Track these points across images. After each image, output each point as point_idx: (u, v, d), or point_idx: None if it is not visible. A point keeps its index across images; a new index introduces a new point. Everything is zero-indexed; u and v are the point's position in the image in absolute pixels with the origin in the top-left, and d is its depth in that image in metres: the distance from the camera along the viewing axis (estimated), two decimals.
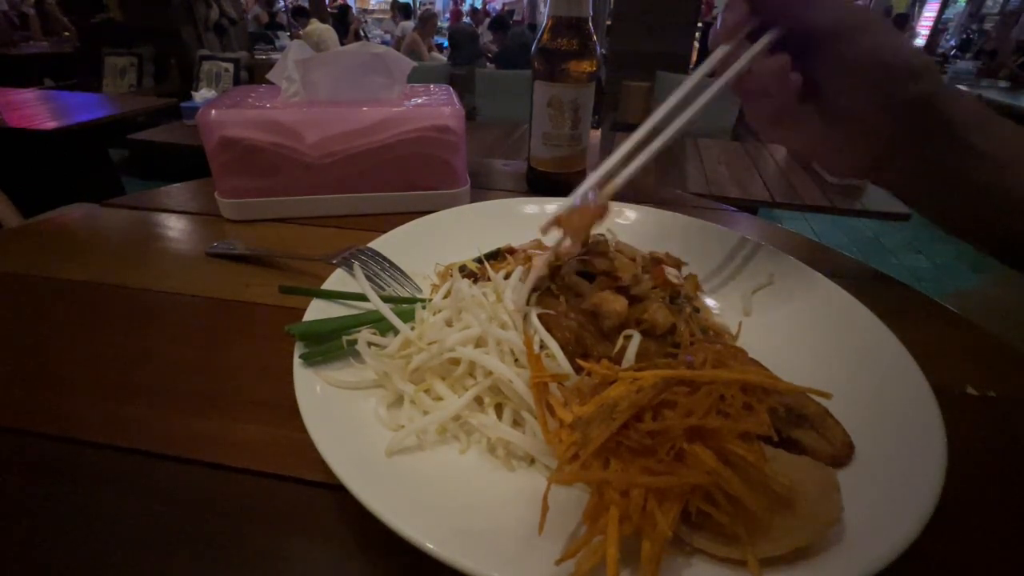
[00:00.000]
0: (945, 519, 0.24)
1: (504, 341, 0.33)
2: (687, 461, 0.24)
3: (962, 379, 0.39)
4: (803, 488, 0.24)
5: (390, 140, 0.61)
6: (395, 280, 0.45)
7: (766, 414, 0.26)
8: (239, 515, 0.29)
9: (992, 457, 0.33)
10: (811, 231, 3.11)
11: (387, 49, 0.66)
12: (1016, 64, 4.56)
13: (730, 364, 0.29)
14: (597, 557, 0.22)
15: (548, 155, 0.68)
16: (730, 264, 0.49)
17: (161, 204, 0.67)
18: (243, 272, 0.52)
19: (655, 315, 0.35)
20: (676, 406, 0.26)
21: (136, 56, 3.74)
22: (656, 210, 0.57)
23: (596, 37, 0.63)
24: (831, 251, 0.58)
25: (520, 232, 0.51)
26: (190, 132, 2.28)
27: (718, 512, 0.23)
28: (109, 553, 0.27)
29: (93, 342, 0.43)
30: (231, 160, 0.59)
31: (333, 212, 0.64)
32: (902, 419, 0.30)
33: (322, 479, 0.30)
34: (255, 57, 3.87)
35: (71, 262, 0.54)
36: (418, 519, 0.24)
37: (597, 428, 0.26)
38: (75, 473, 0.31)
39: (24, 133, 1.97)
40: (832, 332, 0.39)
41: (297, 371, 0.32)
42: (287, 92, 0.63)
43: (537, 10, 8.29)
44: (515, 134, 2.45)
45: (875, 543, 0.23)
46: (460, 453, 0.31)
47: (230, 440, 0.33)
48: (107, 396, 0.37)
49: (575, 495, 0.27)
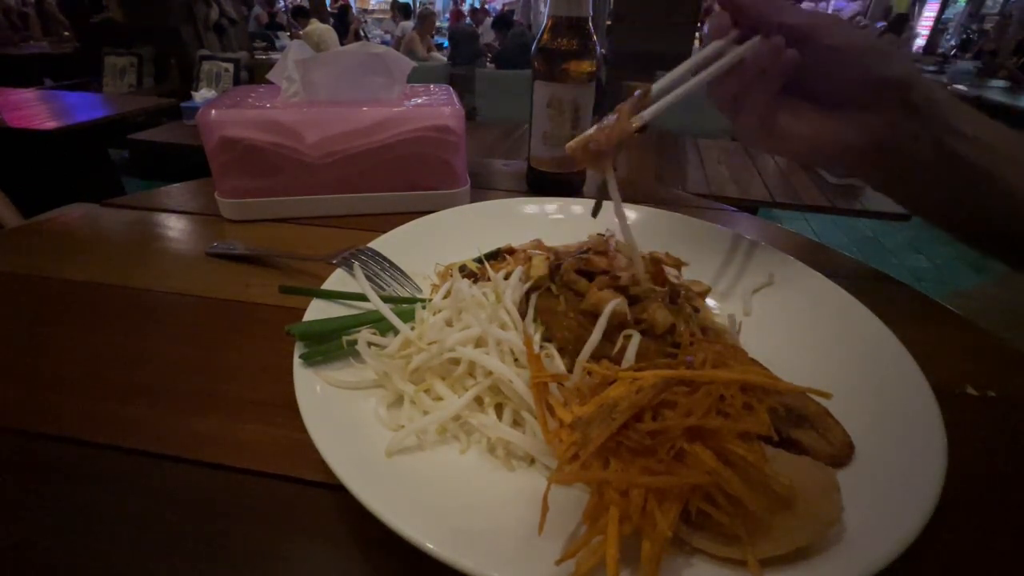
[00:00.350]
0: (945, 519, 0.24)
1: (504, 341, 0.33)
2: (687, 461, 0.24)
3: (962, 379, 0.39)
4: (803, 488, 0.24)
5: (390, 140, 0.61)
6: (395, 280, 0.45)
7: (766, 414, 0.26)
8: (239, 515, 0.29)
9: (992, 457, 0.33)
10: (811, 231, 3.11)
11: (387, 49, 0.66)
12: (1015, 64, 4.56)
13: (730, 364, 0.30)
14: (597, 557, 0.22)
15: (548, 155, 0.69)
16: (730, 264, 0.49)
17: (161, 204, 0.67)
18: (243, 272, 0.52)
19: (655, 315, 0.35)
20: (676, 406, 0.26)
21: (136, 56, 3.74)
22: (656, 210, 0.57)
23: (596, 37, 0.63)
24: (831, 251, 0.58)
25: (520, 232, 0.51)
26: (190, 132, 2.29)
27: (718, 512, 0.23)
28: (109, 553, 0.27)
29: (93, 342, 0.43)
30: (231, 160, 0.59)
31: (333, 212, 0.64)
32: (902, 419, 0.30)
33: (322, 479, 0.30)
34: (255, 57, 3.87)
35: (71, 262, 0.54)
36: (418, 519, 0.24)
37: (597, 428, 0.26)
38: (75, 473, 0.31)
39: (24, 133, 1.97)
40: (832, 332, 0.39)
41: (297, 371, 0.32)
42: (287, 92, 0.63)
43: (531, 10, 8.27)
44: (515, 134, 2.45)
45: (875, 543, 0.23)
46: (460, 453, 0.31)
47: (230, 440, 0.33)
48: (107, 396, 0.37)
49: (575, 495, 0.27)
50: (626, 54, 3.34)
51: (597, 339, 0.33)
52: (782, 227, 0.65)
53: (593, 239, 0.44)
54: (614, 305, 0.34)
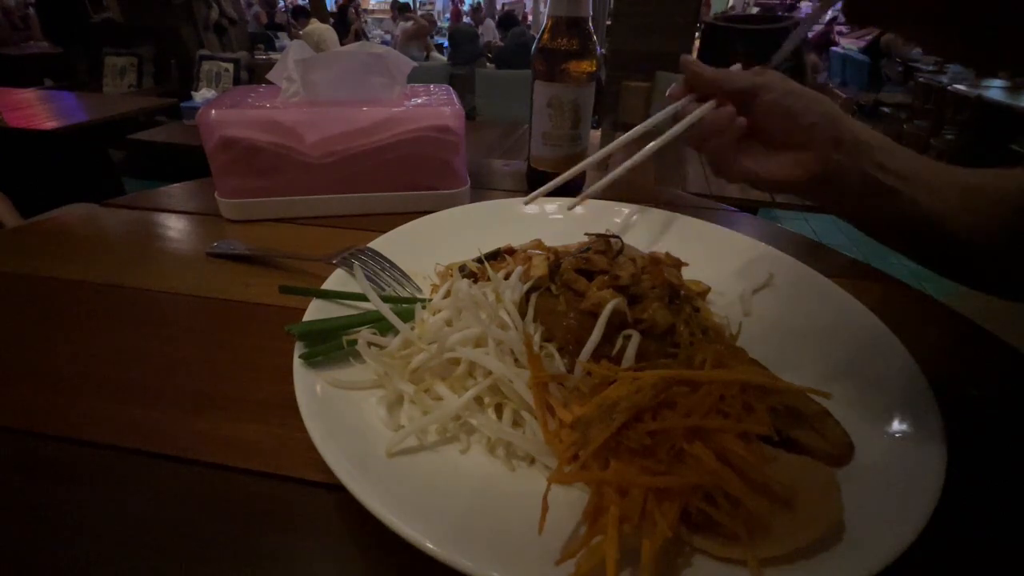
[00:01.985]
0: (945, 519, 0.24)
1: (504, 341, 0.33)
2: (687, 461, 0.24)
3: (962, 379, 0.39)
4: (803, 488, 0.24)
5: (390, 140, 0.61)
6: (395, 280, 0.45)
7: (766, 413, 0.26)
8: (239, 515, 0.29)
9: (992, 457, 0.33)
10: (811, 231, 3.11)
11: (387, 49, 0.66)
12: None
13: (730, 364, 0.30)
14: (597, 557, 0.22)
15: (548, 155, 0.68)
16: (730, 264, 0.49)
17: (161, 204, 0.67)
18: (243, 272, 0.52)
19: (655, 315, 0.35)
20: (676, 406, 0.26)
21: (136, 56, 3.74)
22: (656, 210, 0.57)
23: (596, 37, 0.63)
24: (831, 251, 0.58)
25: (520, 232, 0.51)
26: (190, 132, 2.29)
27: (718, 512, 0.23)
28: (109, 553, 0.27)
29: (93, 342, 0.43)
30: (231, 160, 0.59)
31: (333, 212, 0.64)
32: (902, 419, 0.30)
33: (322, 479, 0.30)
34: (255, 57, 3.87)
35: (71, 262, 0.54)
36: (418, 519, 0.24)
37: (597, 428, 0.26)
38: (75, 473, 0.31)
39: (24, 133, 1.97)
40: (832, 332, 0.39)
41: (297, 371, 0.32)
42: (287, 92, 0.63)
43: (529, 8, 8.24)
44: (515, 134, 2.46)
45: (875, 543, 0.23)
46: (460, 453, 0.31)
47: (230, 440, 0.33)
48: (107, 396, 0.37)
49: (575, 495, 0.27)
50: (626, 54, 3.34)
51: (597, 339, 0.33)
52: (782, 227, 0.65)
53: (592, 239, 0.44)
54: (613, 305, 0.34)
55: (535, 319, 0.37)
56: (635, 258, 0.42)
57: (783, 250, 0.48)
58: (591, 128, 0.69)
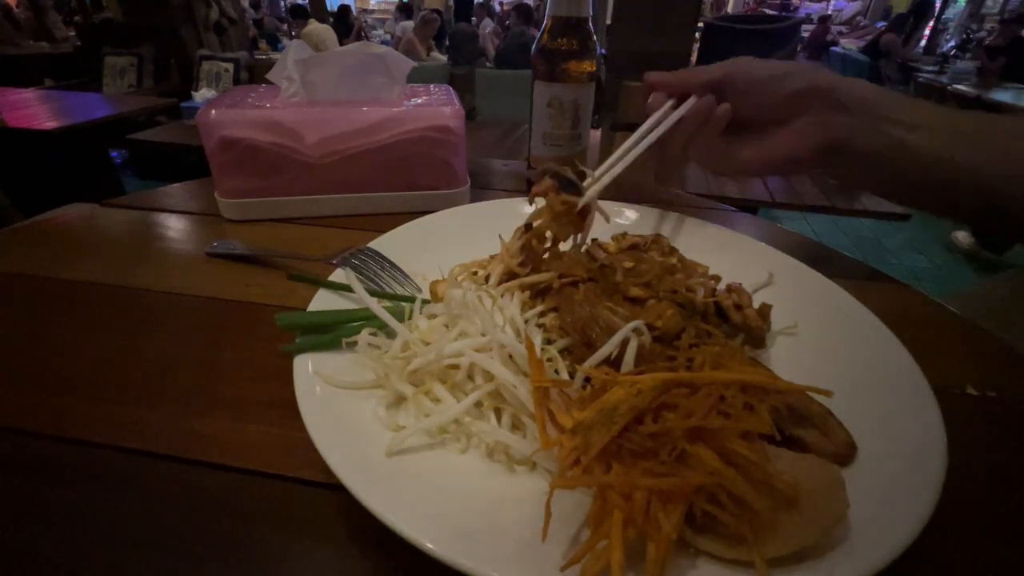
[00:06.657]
0: (945, 519, 0.24)
1: (504, 345, 0.33)
2: (689, 462, 0.24)
3: (962, 379, 0.39)
4: (808, 485, 0.24)
5: (390, 140, 0.61)
6: (395, 280, 0.45)
7: (767, 413, 0.26)
8: (239, 515, 0.29)
9: (992, 457, 0.33)
10: (811, 231, 3.11)
11: (387, 49, 0.66)
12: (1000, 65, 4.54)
13: (728, 365, 0.29)
14: (602, 562, 0.22)
15: (548, 155, 0.68)
16: (730, 264, 0.49)
17: (161, 204, 0.67)
18: (243, 272, 0.52)
19: (667, 323, 0.35)
20: (676, 408, 0.26)
21: (136, 56, 3.73)
22: (656, 210, 0.57)
23: (596, 37, 0.63)
24: (831, 251, 0.58)
25: None
26: (190, 132, 2.28)
27: (723, 513, 0.23)
28: (109, 553, 0.27)
29: (93, 342, 0.42)
30: (231, 160, 0.59)
31: (333, 212, 0.64)
32: (902, 419, 0.30)
33: (322, 479, 0.30)
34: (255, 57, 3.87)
35: (71, 262, 0.54)
36: (418, 519, 0.24)
37: (598, 432, 0.25)
38: (75, 473, 0.31)
39: (24, 133, 1.96)
40: (832, 332, 0.39)
41: (297, 371, 0.32)
42: (287, 92, 0.63)
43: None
44: (515, 134, 2.46)
45: (876, 543, 0.23)
46: (460, 453, 0.31)
47: (230, 440, 0.33)
48: (107, 396, 0.37)
49: (576, 498, 0.27)
50: (626, 54, 3.34)
51: (605, 354, 0.33)
52: (782, 227, 0.65)
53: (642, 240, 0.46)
54: (632, 327, 0.33)
55: (545, 311, 0.38)
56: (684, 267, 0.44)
57: (783, 250, 0.48)
58: (591, 128, 0.69)
